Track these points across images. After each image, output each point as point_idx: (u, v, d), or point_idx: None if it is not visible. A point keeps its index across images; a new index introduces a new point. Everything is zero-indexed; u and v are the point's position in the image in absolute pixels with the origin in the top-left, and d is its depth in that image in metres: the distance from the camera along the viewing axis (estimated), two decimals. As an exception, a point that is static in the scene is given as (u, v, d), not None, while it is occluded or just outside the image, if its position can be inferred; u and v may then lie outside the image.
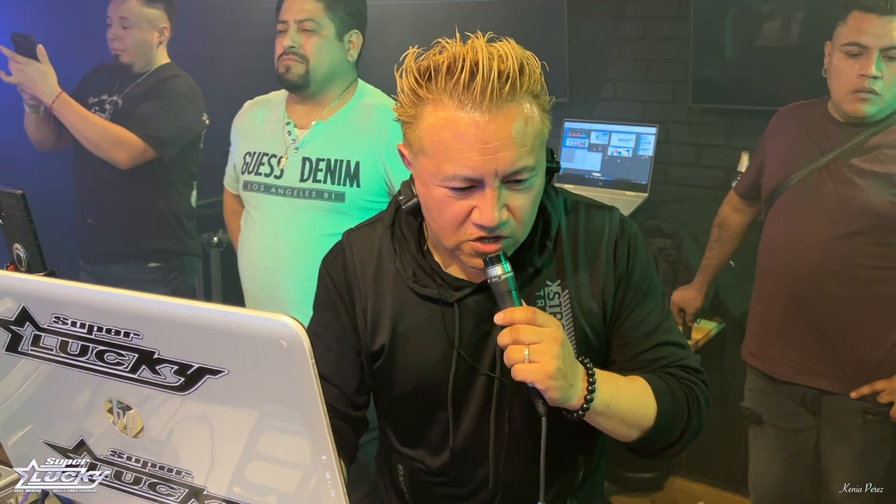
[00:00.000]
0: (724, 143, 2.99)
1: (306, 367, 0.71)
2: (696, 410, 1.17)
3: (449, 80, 1.01)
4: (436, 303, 1.17)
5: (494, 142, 1.00)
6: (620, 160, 3.06)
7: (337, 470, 0.76)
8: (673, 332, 1.22)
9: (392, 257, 1.20)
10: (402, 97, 1.07)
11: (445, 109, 1.02)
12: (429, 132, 1.04)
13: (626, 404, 1.11)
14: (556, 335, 1.03)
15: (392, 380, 1.23)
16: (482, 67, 0.99)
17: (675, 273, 2.77)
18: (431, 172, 1.05)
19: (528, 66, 1.02)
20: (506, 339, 1.04)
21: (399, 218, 1.22)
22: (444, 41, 1.05)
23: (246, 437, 0.81)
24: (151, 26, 2.65)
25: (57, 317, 0.82)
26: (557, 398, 1.04)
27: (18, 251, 1.40)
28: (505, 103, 1.00)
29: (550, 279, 1.18)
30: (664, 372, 1.18)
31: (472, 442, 1.22)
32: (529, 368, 1.01)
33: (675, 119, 3.08)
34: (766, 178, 2.14)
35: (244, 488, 0.85)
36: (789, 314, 2.05)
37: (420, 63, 1.05)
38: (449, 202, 1.05)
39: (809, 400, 2.09)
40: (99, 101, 2.69)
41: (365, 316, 1.21)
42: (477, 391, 1.19)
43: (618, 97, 3.21)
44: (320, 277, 1.27)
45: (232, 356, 0.75)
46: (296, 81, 1.96)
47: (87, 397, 0.88)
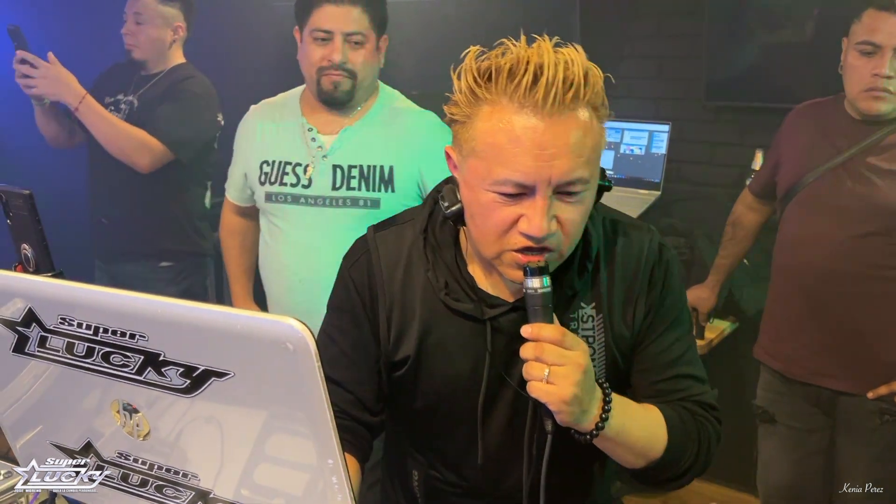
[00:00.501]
0: (738, 140, 2.96)
1: (312, 371, 0.70)
2: (706, 448, 1.15)
3: (510, 83, 0.97)
4: (468, 318, 1.14)
5: (551, 149, 0.96)
6: (633, 158, 3.04)
7: (344, 474, 0.75)
8: (694, 364, 1.19)
9: (423, 265, 1.15)
10: (459, 97, 1.03)
11: (503, 112, 0.98)
12: (483, 134, 1.00)
13: (636, 435, 1.09)
14: (580, 361, 1.00)
15: (416, 391, 1.20)
16: (547, 71, 0.95)
17: (688, 272, 2.75)
18: (481, 175, 1.01)
19: (592, 76, 0.99)
20: (529, 353, 1.01)
21: (433, 224, 1.17)
22: (508, 42, 1.01)
23: (252, 440, 0.80)
24: (165, 24, 2.62)
25: (63, 318, 0.82)
26: (568, 422, 1.02)
27: (26, 251, 1.40)
28: (566, 111, 0.97)
29: (585, 302, 1.14)
30: (680, 405, 1.16)
31: (497, 457, 1.20)
32: (546, 389, 0.99)
33: (688, 116, 3.05)
34: (781, 177, 2.12)
35: (250, 491, 0.84)
36: (805, 314, 2.03)
37: (480, 63, 1.01)
38: (496, 208, 1.01)
39: (824, 400, 2.07)
40: (114, 100, 2.67)
41: (389, 324, 1.17)
42: (504, 408, 1.16)
43: (630, 94, 3.18)
44: (340, 277, 1.22)
45: (238, 359, 0.74)
46: (342, 98, 1.86)
47: (94, 399, 0.88)
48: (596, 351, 1.14)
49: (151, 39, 2.61)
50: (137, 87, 2.66)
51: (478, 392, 1.14)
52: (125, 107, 2.64)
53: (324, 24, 1.78)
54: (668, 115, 3.06)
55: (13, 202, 1.39)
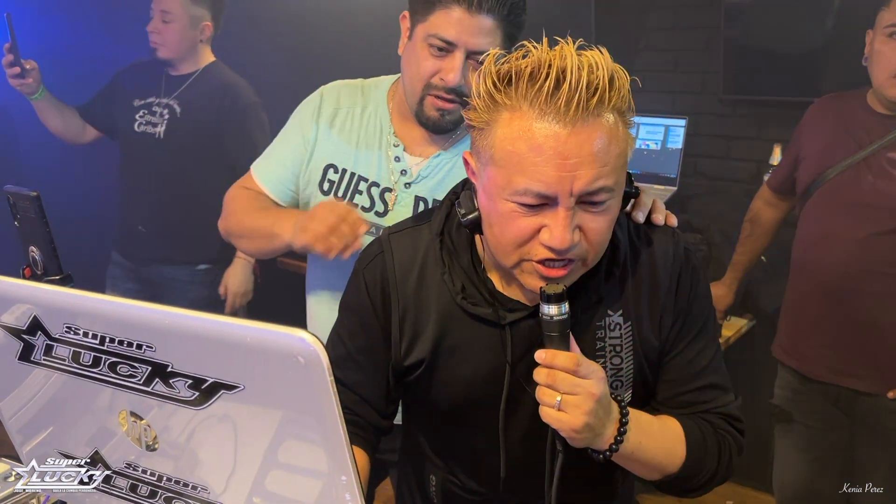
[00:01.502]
0: (756, 135, 2.93)
1: (324, 385, 0.67)
2: (727, 461, 1.13)
3: (531, 87, 0.93)
4: (485, 322, 1.11)
5: (574, 158, 0.92)
6: (649, 153, 3.00)
7: (357, 490, 0.73)
8: (720, 373, 1.16)
9: (439, 268, 1.12)
10: (477, 101, 0.98)
11: (523, 118, 0.93)
12: (502, 141, 0.95)
13: (653, 452, 1.07)
14: (594, 391, 0.97)
15: (431, 395, 1.17)
16: (570, 76, 0.91)
17: (705, 268, 2.72)
18: (500, 185, 0.97)
19: (618, 79, 0.95)
20: (542, 378, 0.98)
21: (449, 226, 1.13)
22: (529, 44, 0.97)
23: (262, 453, 0.78)
24: (193, 24, 2.55)
25: (69, 327, 0.80)
26: (580, 445, 1.01)
27: (34, 253, 1.39)
28: (590, 117, 0.92)
29: (613, 309, 1.10)
30: (702, 418, 1.13)
31: (517, 466, 1.17)
32: (556, 417, 0.97)
33: (705, 111, 3.02)
34: (801, 172, 2.08)
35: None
36: (824, 312, 2.00)
37: (500, 66, 0.96)
38: (515, 218, 0.97)
39: (843, 400, 2.04)
40: (146, 103, 2.60)
41: (401, 327, 1.14)
42: (526, 415, 1.13)
43: (646, 88, 3.13)
44: (354, 277, 1.19)
45: (248, 371, 0.72)
46: (446, 128, 1.49)
47: (101, 409, 0.86)
48: (624, 360, 1.11)
49: (179, 39, 2.54)
50: (171, 90, 2.60)
51: (498, 398, 1.12)
52: (164, 112, 2.57)
53: (446, 33, 1.37)
54: (684, 109, 3.03)
55: (21, 204, 1.38)
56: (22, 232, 1.43)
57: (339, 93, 1.58)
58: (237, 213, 1.59)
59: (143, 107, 2.59)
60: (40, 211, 1.33)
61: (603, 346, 1.10)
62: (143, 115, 2.59)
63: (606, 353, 1.11)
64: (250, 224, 1.55)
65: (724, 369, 1.18)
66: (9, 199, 1.42)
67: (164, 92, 2.59)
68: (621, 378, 1.12)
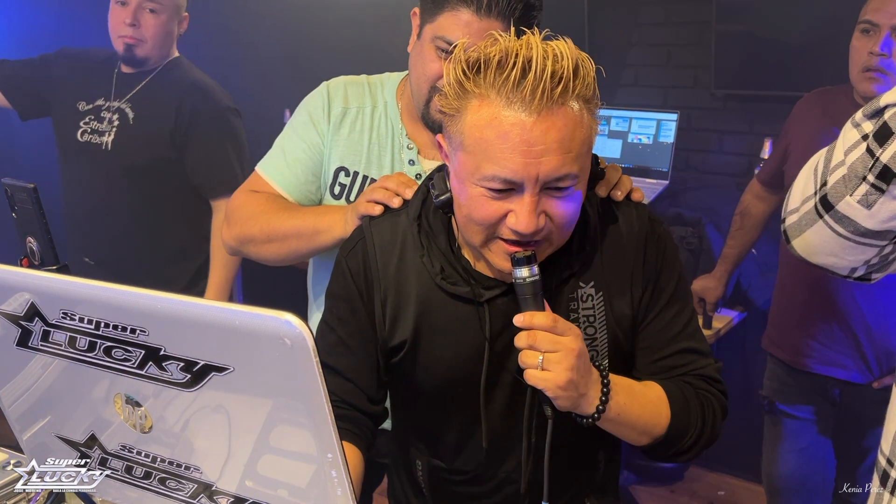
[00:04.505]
0: (747, 129, 2.95)
1: (310, 366, 0.70)
2: (711, 421, 1.15)
3: (499, 76, 0.96)
4: (464, 301, 1.14)
5: (539, 145, 0.96)
6: (641, 147, 3.02)
7: (343, 467, 0.76)
8: (696, 337, 1.19)
9: (418, 251, 1.16)
10: (448, 88, 1.02)
11: (491, 106, 0.97)
12: (471, 128, 0.99)
13: (637, 413, 1.10)
14: (573, 346, 1.01)
15: (414, 376, 1.21)
16: (535, 66, 0.94)
17: (696, 261, 2.74)
18: (469, 170, 1.01)
19: (583, 68, 0.97)
20: (522, 342, 1.02)
21: (426, 210, 1.17)
22: (496, 34, 1.00)
23: (253, 434, 0.80)
24: (177, 14, 2.19)
25: (65, 313, 0.82)
26: (566, 406, 1.03)
27: (31, 244, 1.41)
28: (555, 106, 0.96)
29: (584, 281, 1.14)
30: (682, 380, 1.16)
31: (498, 441, 1.20)
32: (541, 376, 1.00)
33: (696, 105, 3.04)
34: (789, 166, 2.10)
35: (251, 483, 0.84)
36: (810, 303, 2.02)
37: (470, 54, 1.00)
38: (484, 202, 1.01)
39: (830, 390, 2.06)
40: (94, 107, 2.17)
41: (384, 309, 1.18)
42: (504, 390, 1.17)
43: (638, 83, 3.17)
44: (337, 266, 1.22)
45: (237, 354, 0.75)
46: None
47: (97, 392, 0.88)
48: (597, 330, 1.15)
49: (163, 34, 2.16)
50: (123, 90, 2.18)
51: (478, 375, 1.15)
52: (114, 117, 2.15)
53: (453, 36, 1.30)
54: (676, 103, 3.05)
55: (18, 196, 1.40)
56: (19, 223, 1.45)
57: (346, 91, 1.49)
58: (257, 216, 1.45)
59: (91, 111, 2.17)
60: (37, 202, 1.35)
61: (577, 318, 1.14)
62: (89, 122, 2.16)
63: (581, 324, 1.14)
64: (279, 225, 1.42)
65: (702, 335, 1.21)
66: (6, 191, 1.44)
67: (114, 94, 2.18)
68: (596, 348, 1.15)
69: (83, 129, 2.16)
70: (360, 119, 1.48)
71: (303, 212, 1.43)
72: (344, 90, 1.49)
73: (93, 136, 2.15)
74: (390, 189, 1.25)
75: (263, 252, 1.47)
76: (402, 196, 1.23)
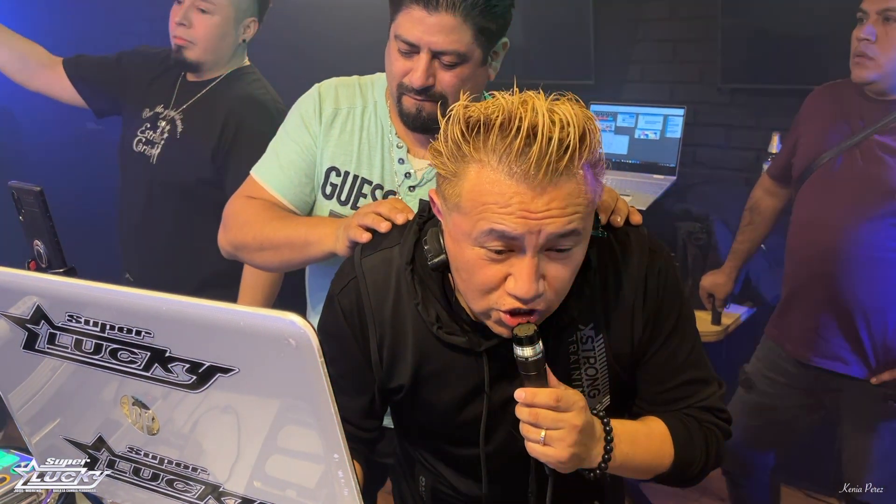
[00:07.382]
0: (755, 123, 2.93)
1: (315, 366, 0.70)
2: (715, 451, 1.14)
3: (501, 141, 0.90)
4: (461, 350, 1.11)
5: (542, 212, 0.91)
6: (648, 143, 3.01)
7: (349, 468, 0.76)
8: (699, 366, 1.16)
9: (412, 297, 1.10)
10: (443, 147, 0.95)
11: (492, 172, 0.91)
12: (469, 192, 0.93)
13: (641, 457, 1.09)
14: (576, 423, 0.97)
15: (413, 415, 1.20)
16: (540, 136, 0.88)
17: (704, 257, 2.72)
18: (465, 230, 0.95)
19: (589, 133, 0.92)
20: (524, 415, 0.98)
21: (419, 256, 1.11)
22: (499, 94, 0.94)
23: (259, 434, 0.80)
24: (237, 18, 1.95)
25: (71, 315, 0.82)
26: (569, 471, 1.02)
27: (38, 247, 1.41)
28: (559, 177, 0.90)
29: (584, 322, 1.10)
30: (685, 414, 1.15)
31: (503, 472, 1.19)
32: (542, 451, 0.98)
33: (703, 100, 3.03)
34: (797, 159, 2.10)
35: (259, 484, 0.84)
36: (813, 296, 2.02)
37: (470, 113, 0.93)
38: (482, 266, 0.96)
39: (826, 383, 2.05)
40: (153, 115, 2.00)
41: (380, 352, 1.14)
42: (506, 427, 1.14)
43: (644, 79, 3.16)
44: (329, 303, 1.17)
45: (242, 354, 0.74)
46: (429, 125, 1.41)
47: (104, 395, 0.89)
48: (598, 370, 1.13)
49: (216, 37, 1.94)
50: (182, 99, 2.00)
51: (478, 419, 1.13)
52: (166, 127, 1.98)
53: (408, 34, 1.31)
54: (682, 98, 3.04)
55: (25, 199, 1.40)
56: (26, 226, 1.45)
57: (337, 92, 1.49)
58: (251, 224, 1.45)
59: (148, 120, 2.00)
60: (44, 205, 1.35)
61: (577, 359, 1.11)
62: (145, 131, 2.00)
63: (581, 365, 1.12)
64: (272, 235, 1.41)
65: (705, 360, 1.18)
66: (13, 194, 1.44)
67: (174, 102, 2.01)
68: (598, 387, 1.14)
69: (139, 139, 2.02)
70: (350, 119, 1.48)
71: (296, 222, 1.43)
72: (335, 91, 1.50)
73: (146, 147, 2.00)
74: (382, 214, 1.22)
75: (256, 259, 1.48)
76: (392, 221, 1.20)
